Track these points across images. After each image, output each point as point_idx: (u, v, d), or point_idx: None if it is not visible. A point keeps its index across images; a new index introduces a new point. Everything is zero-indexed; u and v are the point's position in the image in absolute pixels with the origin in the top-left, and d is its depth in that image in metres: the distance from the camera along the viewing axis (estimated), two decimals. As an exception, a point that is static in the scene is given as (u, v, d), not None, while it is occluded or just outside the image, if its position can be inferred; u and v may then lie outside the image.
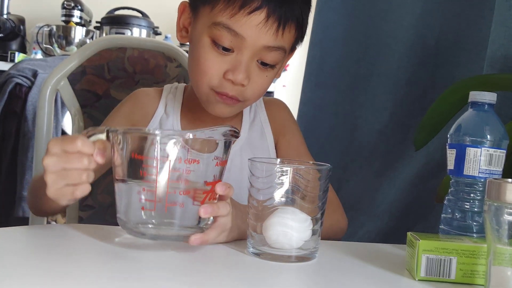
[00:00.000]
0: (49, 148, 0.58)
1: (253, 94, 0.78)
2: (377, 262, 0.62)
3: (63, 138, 0.59)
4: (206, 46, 0.75)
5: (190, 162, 0.56)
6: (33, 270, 0.50)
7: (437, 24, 1.18)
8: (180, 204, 0.57)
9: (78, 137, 0.58)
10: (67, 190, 0.58)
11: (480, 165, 0.62)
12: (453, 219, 0.64)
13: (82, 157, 0.58)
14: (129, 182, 0.58)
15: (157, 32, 2.63)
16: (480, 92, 0.64)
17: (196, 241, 0.58)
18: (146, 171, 0.56)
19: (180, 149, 0.56)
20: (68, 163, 0.58)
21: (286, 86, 2.92)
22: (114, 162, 0.59)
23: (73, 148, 0.58)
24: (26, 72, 1.74)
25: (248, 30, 0.71)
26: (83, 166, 0.58)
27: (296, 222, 0.58)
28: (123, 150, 0.58)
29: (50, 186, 0.58)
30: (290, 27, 0.74)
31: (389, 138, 1.25)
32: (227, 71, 0.74)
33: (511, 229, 0.47)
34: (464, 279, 0.56)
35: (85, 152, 0.58)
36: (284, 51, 0.76)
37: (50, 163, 0.57)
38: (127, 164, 0.58)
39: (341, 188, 1.30)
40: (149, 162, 0.56)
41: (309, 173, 0.59)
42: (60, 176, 0.58)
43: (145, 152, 0.56)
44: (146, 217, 0.57)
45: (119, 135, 0.58)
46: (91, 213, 1.05)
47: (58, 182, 0.58)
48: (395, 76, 1.24)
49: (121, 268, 0.53)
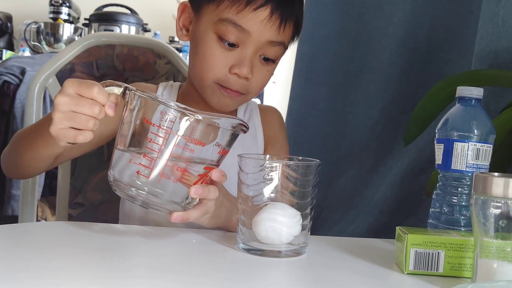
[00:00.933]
0: (64, 87, 0.58)
1: (255, 87, 0.81)
2: (366, 257, 0.62)
3: (80, 81, 0.59)
4: (212, 42, 0.78)
5: (196, 143, 0.57)
6: (23, 268, 0.49)
7: (427, 21, 1.18)
8: (174, 179, 0.57)
9: (95, 84, 0.59)
10: (71, 132, 0.59)
11: (468, 160, 0.63)
12: (441, 213, 0.65)
13: (95, 104, 0.58)
14: (132, 143, 0.58)
15: (146, 29, 2.61)
16: (467, 87, 0.65)
17: (178, 218, 0.59)
18: (152, 138, 0.56)
19: (190, 127, 0.57)
20: (80, 106, 0.58)
21: (276, 83, 2.92)
22: (123, 120, 0.59)
23: (89, 93, 0.58)
24: (14, 70, 1.73)
25: (254, 25, 0.75)
26: (93, 113, 0.58)
27: (285, 218, 0.59)
28: (135, 111, 0.58)
29: (55, 124, 0.58)
30: (290, 24, 0.79)
31: (380, 134, 1.26)
32: (232, 65, 0.77)
33: (497, 222, 0.47)
34: (452, 272, 0.56)
35: (99, 100, 0.58)
36: (284, 47, 0.81)
37: (62, 102, 0.58)
38: (135, 126, 0.58)
39: (332, 184, 1.30)
40: (158, 131, 0.56)
41: (299, 169, 0.59)
42: (68, 117, 0.58)
43: (156, 120, 0.56)
44: (139, 181, 0.57)
45: (136, 96, 0.58)
46: (81, 211, 1.05)
47: (64, 123, 0.59)
48: (386, 72, 1.24)
49: (112, 265, 0.53)
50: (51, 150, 0.70)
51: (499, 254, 0.48)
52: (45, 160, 0.73)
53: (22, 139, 0.75)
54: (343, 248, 0.65)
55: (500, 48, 0.92)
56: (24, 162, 0.74)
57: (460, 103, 0.66)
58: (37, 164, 0.73)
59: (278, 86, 2.88)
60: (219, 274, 0.53)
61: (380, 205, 1.21)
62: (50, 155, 0.72)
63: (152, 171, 0.57)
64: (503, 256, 0.48)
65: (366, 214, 1.23)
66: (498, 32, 0.92)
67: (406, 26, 1.20)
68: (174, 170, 0.57)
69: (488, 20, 0.93)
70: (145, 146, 0.57)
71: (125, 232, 0.68)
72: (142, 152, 0.57)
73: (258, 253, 0.59)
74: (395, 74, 1.23)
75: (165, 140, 0.56)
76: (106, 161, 1.05)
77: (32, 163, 0.74)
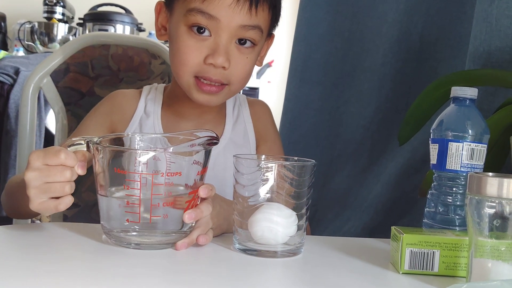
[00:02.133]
0: (30, 162, 0.57)
1: (237, 77, 0.79)
2: (362, 256, 0.62)
3: (45, 151, 0.58)
4: (184, 34, 0.76)
5: (173, 175, 0.57)
6: (17, 270, 0.49)
7: (421, 20, 1.19)
8: (164, 215, 0.58)
9: (61, 149, 0.58)
10: (51, 203, 0.58)
11: (462, 160, 0.63)
12: (436, 213, 0.65)
13: (65, 169, 0.57)
14: (113, 195, 0.58)
15: (140, 28, 2.61)
16: (461, 88, 0.65)
17: (183, 245, 0.59)
18: (129, 185, 0.56)
19: (162, 163, 0.56)
20: (51, 176, 0.57)
21: (271, 82, 2.93)
22: (96, 172, 0.59)
23: (56, 161, 0.57)
24: (8, 70, 1.72)
25: (222, 11, 0.73)
26: (66, 178, 0.58)
27: (281, 218, 0.59)
28: (104, 161, 0.58)
29: (33, 201, 0.58)
30: (263, 6, 0.76)
31: (374, 134, 1.26)
32: (207, 56, 0.76)
33: (492, 222, 0.48)
34: (447, 271, 0.57)
35: (68, 164, 0.57)
36: (260, 31, 0.78)
37: (32, 177, 0.57)
38: (110, 175, 0.58)
39: (327, 183, 1.31)
40: (132, 176, 0.56)
41: (294, 169, 0.60)
42: (42, 190, 0.57)
43: (126, 166, 0.56)
44: (131, 228, 0.58)
45: (99, 147, 0.58)
46: (76, 211, 1.05)
47: (41, 196, 0.58)
48: (380, 71, 1.25)
49: (108, 266, 0.53)
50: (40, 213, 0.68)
51: (493, 253, 0.49)
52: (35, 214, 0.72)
53: (10, 196, 0.75)
54: (339, 248, 0.66)
55: (494, 47, 0.92)
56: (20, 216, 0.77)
57: (454, 103, 0.66)
58: (34, 216, 0.74)
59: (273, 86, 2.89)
60: (215, 275, 0.53)
61: (375, 205, 1.21)
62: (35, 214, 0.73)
63: (140, 216, 0.57)
64: (497, 255, 0.48)
65: (361, 214, 1.23)
66: (491, 31, 0.92)
67: (399, 25, 1.21)
68: (161, 207, 0.57)
69: (481, 19, 0.93)
70: (125, 194, 0.57)
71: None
72: (124, 199, 0.57)
73: (254, 253, 0.59)
74: (388, 73, 1.23)
75: (141, 184, 0.56)
76: (101, 162, 1.04)
77: (27, 216, 0.75)
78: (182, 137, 0.61)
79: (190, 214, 0.59)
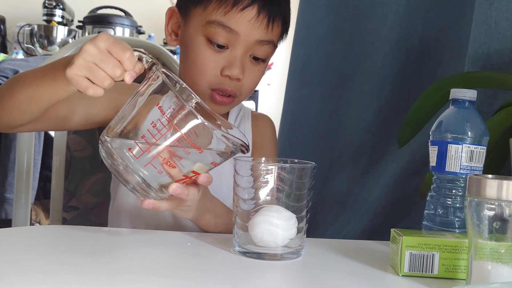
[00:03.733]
0: (98, 39, 0.58)
1: (247, 88, 0.81)
2: (361, 259, 0.62)
3: (116, 40, 0.59)
4: (202, 45, 0.78)
5: (195, 147, 0.56)
6: (16, 272, 0.49)
7: (420, 23, 1.19)
8: (159, 170, 0.57)
9: (129, 49, 0.58)
10: (83, 82, 0.58)
11: (462, 162, 0.63)
12: (436, 215, 0.65)
13: (118, 67, 0.58)
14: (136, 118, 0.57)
15: (140, 31, 2.61)
16: (460, 90, 0.65)
17: (149, 205, 0.60)
18: (157, 125, 0.55)
19: (197, 134, 0.56)
20: (104, 63, 0.58)
21: (270, 85, 2.93)
22: (138, 91, 0.58)
23: (118, 55, 0.58)
24: (8, 73, 1.72)
25: (242, 25, 0.76)
26: (113, 74, 0.58)
27: (281, 220, 0.59)
28: (151, 89, 0.57)
29: (74, 69, 0.58)
30: (277, 22, 0.79)
31: (374, 136, 1.26)
32: (223, 67, 0.78)
33: (491, 224, 0.48)
34: (446, 274, 0.56)
35: (125, 65, 0.58)
36: (273, 46, 0.81)
37: (89, 52, 0.58)
38: (146, 104, 0.57)
39: (326, 185, 1.31)
40: (165, 122, 0.55)
41: (294, 171, 0.60)
42: (88, 67, 0.58)
43: (167, 110, 0.55)
44: (126, 155, 0.57)
45: (159, 78, 0.56)
46: (75, 214, 1.04)
47: (83, 71, 0.58)
48: (380, 74, 1.25)
49: (106, 269, 0.53)
50: (54, 93, 0.66)
51: (493, 255, 0.48)
52: (40, 103, 0.68)
53: (23, 77, 0.70)
54: (338, 250, 0.65)
55: (493, 50, 0.92)
56: (16, 103, 0.69)
57: (454, 105, 0.66)
58: (30, 106, 0.68)
59: (273, 88, 2.89)
60: (214, 277, 0.53)
61: (375, 207, 1.21)
62: (49, 98, 0.67)
63: (143, 155, 0.56)
64: (497, 257, 0.48)
65: (360, 216, 1.23)
66: (491, 34, 0.92)
67: (399, 28, 1.21)
68: (163, 163, 0.56)
69: (480, 22, 0.94)
70: (146, 128, 0.56)
71: (119, 236, 0.68)
72: (141, 131, 0.56)
73: (254, 256, 0.59)
74: (388, 75, 1.23)
75: (169, 132, 0.55)
76: (100, 165, 1.04)
77: (24, 105, 0.68)
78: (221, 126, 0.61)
79: (177, 188, 0.58)
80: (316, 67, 1.35)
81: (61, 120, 0.77)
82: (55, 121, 0.77)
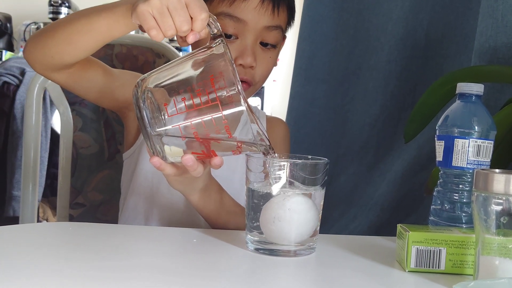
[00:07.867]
0: None
1: (261, 76, 0.83)
2: (368, 255, 0.62)
3: None
4: None
5: (228, 132, 0.56)
6: (24, 269, 0.49)
7: (426, 17, 1.18)
8: (183, 136, 0.56)
9: (206, 11, 0.58)
10: (151, 21, 0.58)
11: (468, 156, 0.63)
12: (443, 210, 0.65)
13: (187, 22, 0.58)
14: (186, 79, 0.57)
15: (145, 28, 2.61)
16: (467, 84, 0.65)
17: (156, 163, 0.59)
18: (202, 94, 0.55)
19: (238, 122, 0.56)
20: (176, 13, 0.57)
21: (276, 81, 2.92)
22: (195, 54, 0.58)
23: (194, 12, 0.58)
24: (14, 71, 1.73)
25: (248, 13, 0.77)
26: (179, 27, 0.58)
27: (297, 214, 0.58)
28: (209, 58, 0.57)
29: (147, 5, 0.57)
30: (283, 7, 0.81)
31: (380, 131, 1.26)
32: (236, 58, 0.79)
33: (499, 219, 0.47)
34: (453, 269, 0.56)
35: (194, 24, 0.58)
36: (281, 31, 0.83)
37: None
38: (201, 71, 0.57)
39: (333, 181, 1.30)
40: (211, 95, 0.54)
41: (306, 168, 0.59)
42: (160, 10, 0.57)
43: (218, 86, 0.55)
44: (159, 111, 0.56)
45: (220, 51, 0.56)
46: (81, 211, 1.05)
47: (154, 11, 0.58)
48: (385, 69, 1.24)
49: (114, 266, 0.53)
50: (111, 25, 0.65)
51: (500, 251, 0.48)
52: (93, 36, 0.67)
53: (80, 11, 0.69)
54: (345, 246, 0.65)
55: (500, 43, 0.91)
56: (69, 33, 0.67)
57: (460, 100, 0.66)
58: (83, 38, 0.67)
59: (278, 84, 2.88)
60: (228, 274, 0.53)
61: (381, 203, 1.21)
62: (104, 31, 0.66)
63: (174, 116, 0.55)
64: (505, 253, 0.48)
65: (367, 212, 1.22)
66: (497, 27, 0.91)
67: (404, 23, 1.20)
68: (190, 130, 0.56)
69: (487, 15, 0.93)
70: (190, 92, 0.55)
71: (127, 232, 0.68)
72: (184, 94, 0.55)
73: (266, 253, 0.59)
74: (394, 71, 1.23)
75: (209, 107, 0.55)
76: (106, 162, 1.04)
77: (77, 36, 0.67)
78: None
79: (191, 160, 0.58)
80: (322, 63, 1.35)
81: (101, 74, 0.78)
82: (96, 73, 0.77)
